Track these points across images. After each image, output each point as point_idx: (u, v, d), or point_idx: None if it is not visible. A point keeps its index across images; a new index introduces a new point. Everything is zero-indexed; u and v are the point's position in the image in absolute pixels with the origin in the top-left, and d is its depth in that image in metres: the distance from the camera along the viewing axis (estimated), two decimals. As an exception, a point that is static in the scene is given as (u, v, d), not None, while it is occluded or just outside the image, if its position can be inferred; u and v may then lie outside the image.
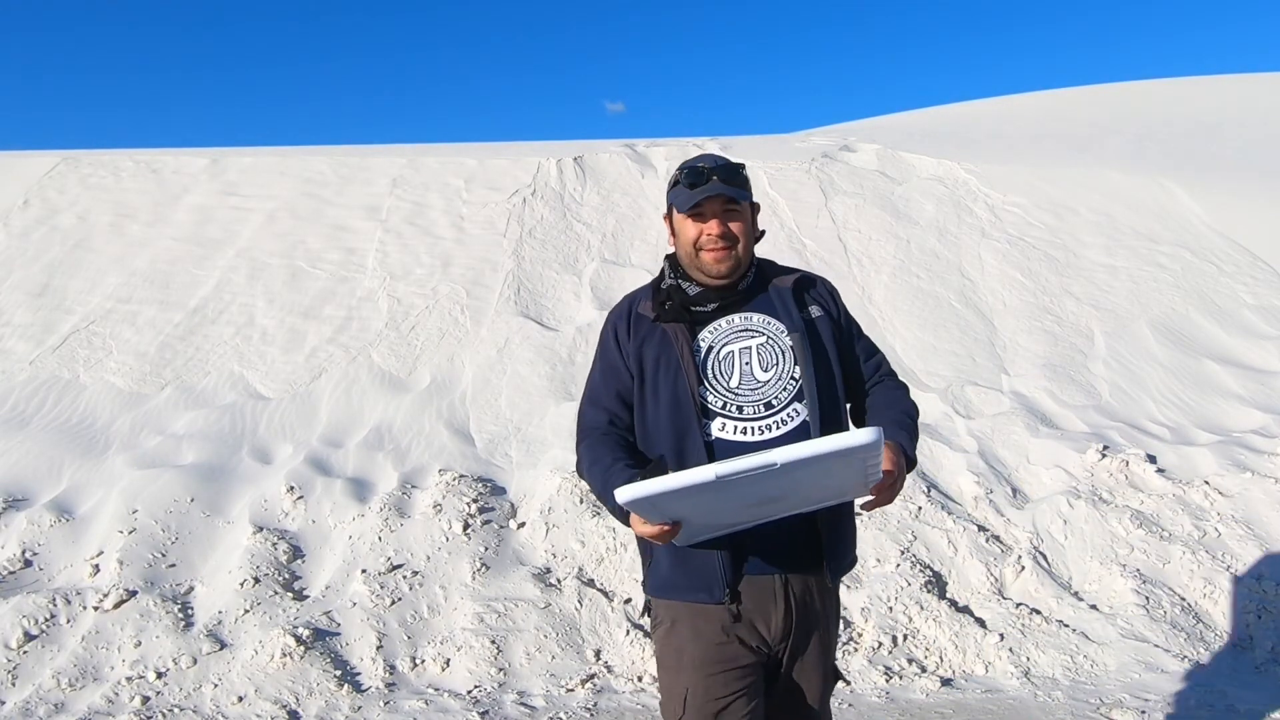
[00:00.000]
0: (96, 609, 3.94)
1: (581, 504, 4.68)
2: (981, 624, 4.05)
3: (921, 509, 4.73)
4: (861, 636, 3.99)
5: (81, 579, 4.17)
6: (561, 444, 5.21)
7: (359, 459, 5.15)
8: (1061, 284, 7.37)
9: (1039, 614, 4.11)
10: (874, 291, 7.28)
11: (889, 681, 3.73)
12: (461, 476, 4.94)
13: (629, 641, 3.93)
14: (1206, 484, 4.89)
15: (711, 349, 2.00)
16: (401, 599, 4.13)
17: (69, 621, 3.89)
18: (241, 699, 3.55)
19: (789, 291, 2.06)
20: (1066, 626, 4.02)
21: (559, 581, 4.27)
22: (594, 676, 3.77)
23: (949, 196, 8.93)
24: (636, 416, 2.03)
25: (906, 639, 3.97)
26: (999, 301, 7.13)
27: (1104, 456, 5.12)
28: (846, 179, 9.32)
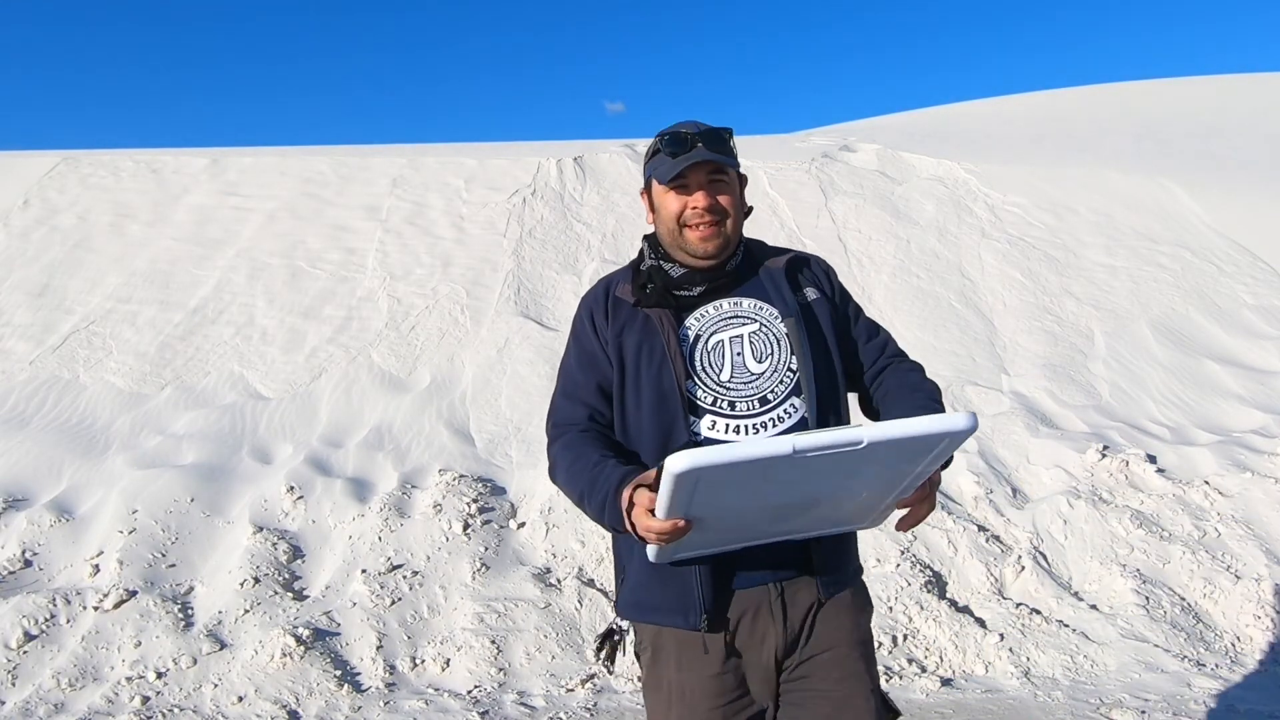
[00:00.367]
0: (96, 609, 3.94)
1: (581, 504, 4.68)
2: (981, 624, 4.05)
3: (921, 509, 4.73)
4: (861, 636, 3.99)
5: (81, 579, 4.17)
6: (562, 444, 5.21)
7: (359, 459, 5.15)
8: (1061, 284, 7.37)
9: (1039, 614, 4.11)
10: (874, 291, 7.28)
11: (889, 682, 3.73)
12: (461, 476, 4.94)
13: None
14: (1206, 484, 4.89)
15: (699, 338, 1.75)
16: (401, 599, 4.13)
17: (69, 621, 3.89)
18: (241, 699, 3.55)
19: (781, 273, 1.82)
20: (1066, 626, 4.02)
21: (559, 581, 4.27)
22: (594, 676, 3.76)
23: (949, 196, 8.94)
24: (616, 413, 1.79)
25: (906, 639, 3.96)
26: (999, 301, 7.14)
27: (1104, 456, 5.12)
28: (846, 179, 9.33)
